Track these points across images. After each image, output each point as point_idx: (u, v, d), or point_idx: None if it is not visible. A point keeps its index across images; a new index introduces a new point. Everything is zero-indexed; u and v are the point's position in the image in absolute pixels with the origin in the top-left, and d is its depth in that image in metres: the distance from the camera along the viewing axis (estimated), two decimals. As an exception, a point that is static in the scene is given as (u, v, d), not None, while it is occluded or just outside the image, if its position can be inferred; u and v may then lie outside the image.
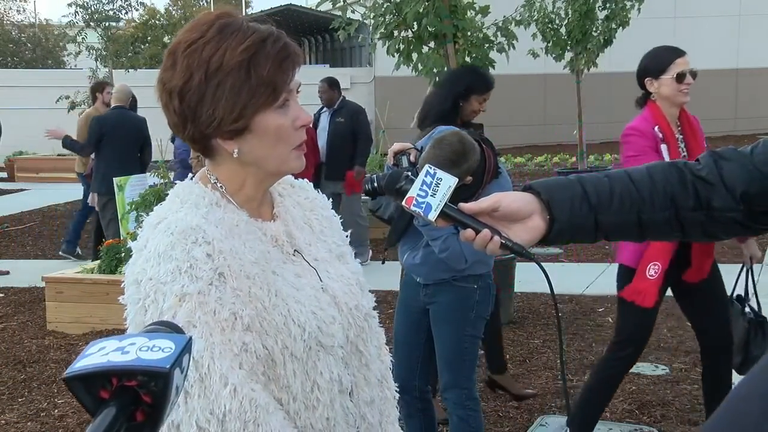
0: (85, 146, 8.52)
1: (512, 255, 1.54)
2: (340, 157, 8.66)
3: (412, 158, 3.54)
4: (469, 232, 1.48)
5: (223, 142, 1.52)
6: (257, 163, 1.55)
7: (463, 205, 1.51)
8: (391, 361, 1.79)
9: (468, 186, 3.43)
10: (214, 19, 1.51)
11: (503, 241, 1.47)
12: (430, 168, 1.53)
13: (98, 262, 6.96)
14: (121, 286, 1.51)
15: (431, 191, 1.50)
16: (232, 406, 1.39)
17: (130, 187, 7.56)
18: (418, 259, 3.71)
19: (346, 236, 1.77)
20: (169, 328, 0.86)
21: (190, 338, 0.83)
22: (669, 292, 4.02)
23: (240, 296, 1.46)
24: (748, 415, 0.49)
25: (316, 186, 1.82)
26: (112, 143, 8.25)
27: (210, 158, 1.59)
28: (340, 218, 1.80)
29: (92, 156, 8.71)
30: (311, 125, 9.05)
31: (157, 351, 0.79)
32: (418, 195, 1.51)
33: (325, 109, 8.90)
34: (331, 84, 8.83)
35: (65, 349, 6.17)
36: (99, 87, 9.58)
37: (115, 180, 7.55)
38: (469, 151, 3.39)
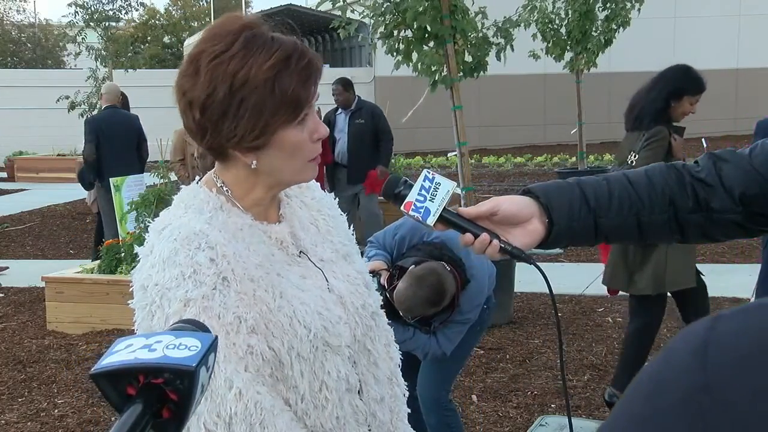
0: (85, 150, 8.44)
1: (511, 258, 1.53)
2: (362, 159, 8.40)
3: (382, 280, 3.37)
4: (468, 236, 1.47)
5: (242, 154, 1.52)
6: (272, 173, 1.55)
7: (461, 210, 1.50)
8: (401, 359, 1.80)
9: (443, 311, 3.42)
10: (240, 30, 1.49)
11: (502, 245, 1.46)
12: (428, 172, 1.52)
13: (98, 262, 6.97)
14: (130, 290, 1.53)
15: (429, 196, 1.49)
16: (237, 409, 1.41)
17: (126, 188, 7.56)
18: None
19: (352, 234, 1.78)
20: (195, 326, 0.87)
21: (216, 337, 0.84)
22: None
23: (244, 299, 1.47)
24: (632, 415, 0.52)
25: (333, 189, 1.84)
26: (109, 143, 8.22)
27: (222, 162, 1.59)
28: (349, 217, 1.80)
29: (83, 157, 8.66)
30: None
31: (184, 349, 0.80)
32: (417, 200, 1.49)
33: (340, 110, 8.68)
34: (346, 85, 8.63)
35: (65, 349, 6.17)
36: None
37: (112, 180, 7.55)
38: (448, 290, 3.34)
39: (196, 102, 1.49)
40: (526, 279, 6.73)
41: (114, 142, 8.24)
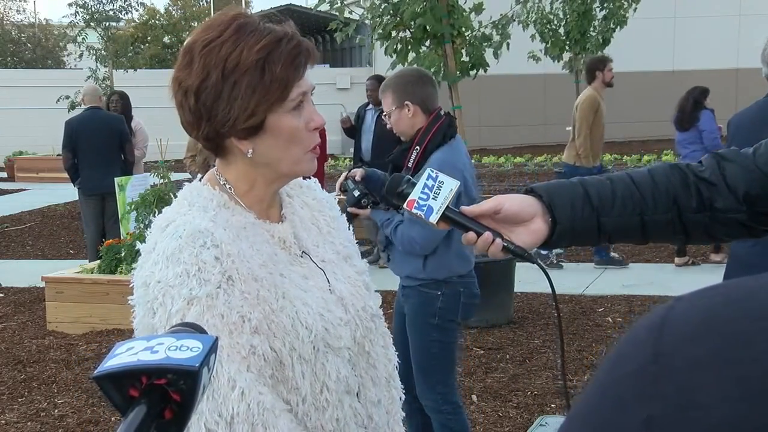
0: (62, 153, 8.24)
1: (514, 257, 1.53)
2: (384, 160, 8.33)
3: (357, 177, 3.46)
4: (471, 234, 1.48)
5: (238, 141, 1.53)
6: (270, 164, 1.56)
7: (464, 208, 1.50)
8: (399, 361, 1.80)
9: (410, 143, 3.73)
10: (231, 19, 1.52)
11: (505, 244, 1.46)
12: (432, 171, 1.53)
13: (98, 262, 6.96)
14: (129, 286, 1.53)
15: (432, 194, 1.50)
16: (240, 409, 1.40)
17: (131, 187, 7.55)
18: (394, 254, 3.74)
19: (353, 235, 1.78)
20: (193, 329, 0.89)
21: (216, 338, 0.85)
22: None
23: (248, 299, 1.46)
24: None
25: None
26: (88, 144, 8.01)
27: (221, 158, 1.59)
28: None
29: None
30: (353, 121, 8.85)
31: (186, 350, 0.81)
32: (420, 198, 1.50)
33: (370, 106, 8.53)
34: (381, 82, 8.60)
35: (65, 349, 6.17)
36: (600, 64, 8.08)
37: (117, 180, 7.53)
38: (427, 80, 3.79)
39: (191, 89, 1.50)
40: (526, 279, 6.73)
41: (93, 144, 8.00)
